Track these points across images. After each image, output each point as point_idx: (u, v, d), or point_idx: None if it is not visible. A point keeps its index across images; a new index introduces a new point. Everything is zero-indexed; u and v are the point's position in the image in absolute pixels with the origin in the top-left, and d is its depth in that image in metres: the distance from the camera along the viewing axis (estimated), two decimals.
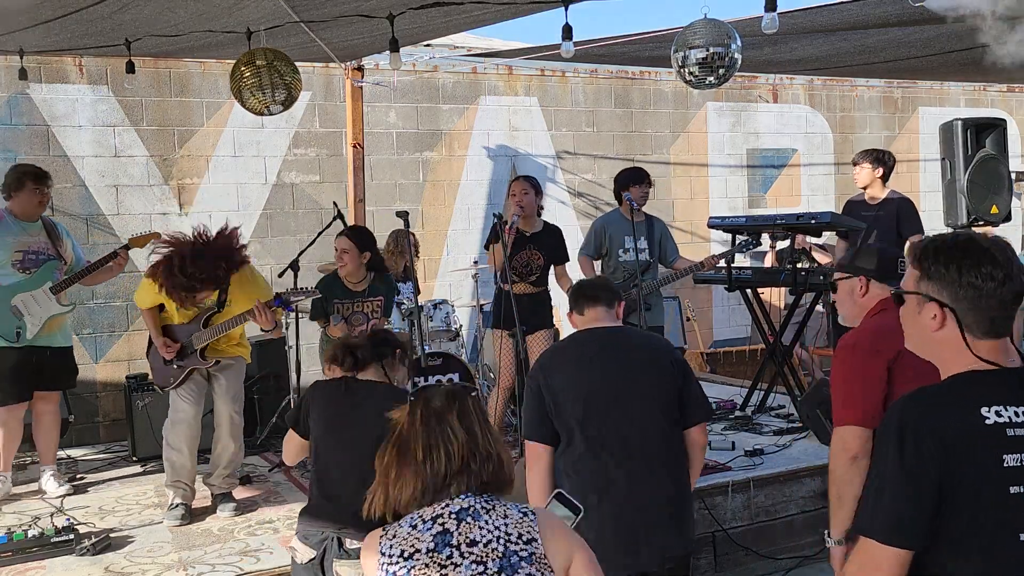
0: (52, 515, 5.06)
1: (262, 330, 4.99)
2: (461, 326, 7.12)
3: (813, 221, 6.35)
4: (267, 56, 5.36)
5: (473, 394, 2.20)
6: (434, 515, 2.06)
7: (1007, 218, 6.99)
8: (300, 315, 6.09)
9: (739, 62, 4.65)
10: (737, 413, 6.73)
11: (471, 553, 2.00)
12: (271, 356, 6.85)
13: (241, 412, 5.14)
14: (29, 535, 4.54)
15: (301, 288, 5.05)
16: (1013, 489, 1.80)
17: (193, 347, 5.04)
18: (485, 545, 2.01)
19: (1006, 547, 1.81)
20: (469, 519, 2.04)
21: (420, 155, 8.24)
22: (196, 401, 5.07)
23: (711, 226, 7.28)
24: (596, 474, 3.22)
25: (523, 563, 2.00)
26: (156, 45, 5.95)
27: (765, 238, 6.65)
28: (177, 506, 5.02)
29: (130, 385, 6.30)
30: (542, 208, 6.08)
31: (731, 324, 9.39)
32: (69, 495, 5.53)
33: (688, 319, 8.78)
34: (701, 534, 4.82)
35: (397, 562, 2.01)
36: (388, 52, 5.28)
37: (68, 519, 4.90)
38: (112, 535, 4.78)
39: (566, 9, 4.63)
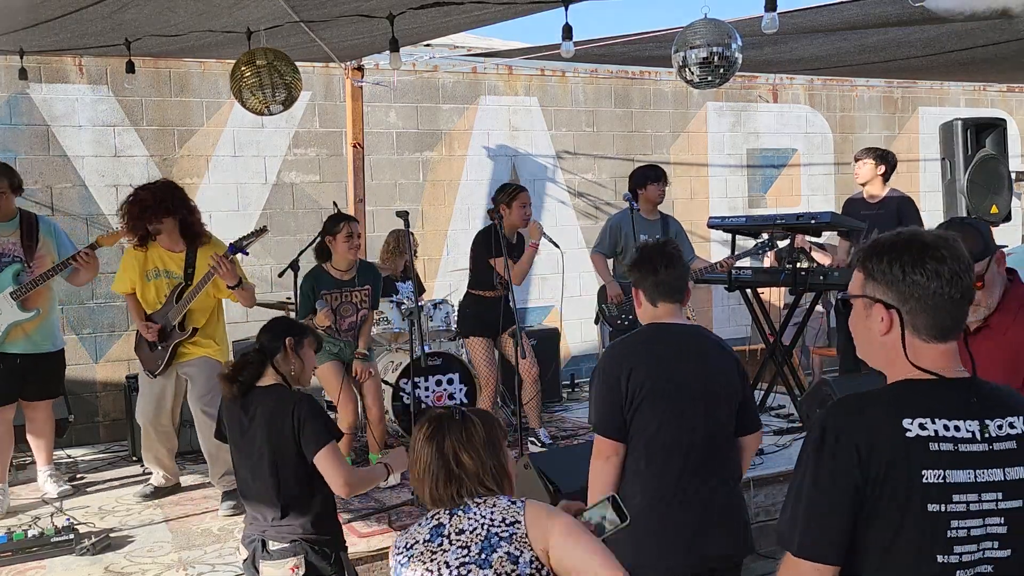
0: (52, 515, 5.06)
1: (228, 287, 5.10)
2: None
3: (813, 221, 6.36)
4: (267, 56, 5.36)
5: (468, 418, 2.31)
6: (433, 512, 2.27)
7: (1007, 218, 7.00)
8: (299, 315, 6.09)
9: (739, 62, 4.65)
10: None
11: (458, 540, 2.18)
12: None
13: (212, 409, 5.11)
14: (29, 535, 4.54)
15: (250, 232, 5.18)
16: (931, 507, 1.69)
17: (171, 323, 5.21)
18: (471, 532, 2.18)
19: (925, 569, 1.70)
20: (460, 512, 2.22)
21: (420, 155, 8.24)
22: (154, 383, 5.30)
23: (711, 226, 7.28)
24: (666, 473, 3.13)
25: (502, 542, 2.15)
26: (156, 45, 5.95)
27: (764, 236, 6.65)
28: (147, 485, 5.50)
29: (130, 385, 6.30)
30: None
31: (731, 324, 9.38)
32: (69, 495, 5.52)
33: (688, 319, 8.77)
34: None
35: (402, 552, 2.24)
36: (388, 52, 5.27)
37: (68, 519, 4.91)
38: (112, 535, 4.79)
39: (566, 9, 4.63)
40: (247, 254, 5.22)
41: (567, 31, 4.63)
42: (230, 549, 4.58)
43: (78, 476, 6.00)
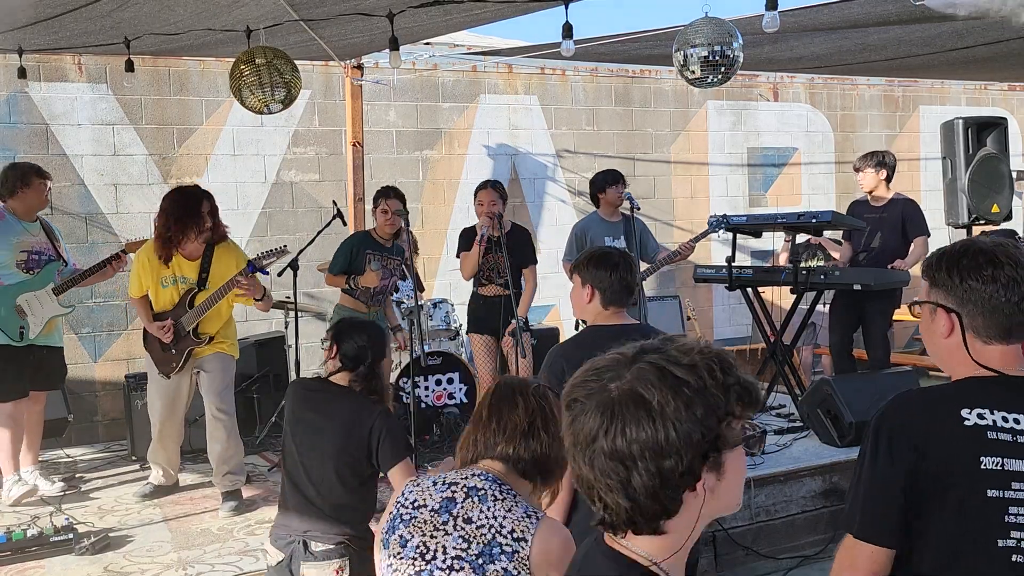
0: (51, 514, 5.05)
1: (255, 300, 5.20)
2: (461, 325, 7.10)
3: (814, 220, 6.34)
4: (267, 54, 5.35)
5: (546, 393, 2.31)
6: (452, 480, 2.16)
7: (1008, 216, 6.99)
8: (300, 314, 6.08)
9: (740, 60, 4.64)
10: None
11: (463, 528, 2.08)
12: (271, 355, 6.84)
13: (227, 406, 5.21)
14: (28, 534, 4.53)
15: (270, 250, 5.19)
16: (991, 492, 1.78)
17: (185, 329, 5.20)
18: (477, 528, 2.07)
19: (983, 552, 1.78)
20: (476, 498, 2.11)
21: (420, 153, 8.23)
22: (168, 382, 5.26)
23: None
24: None
25: (502, 556, 2.04)
26: (155, 43, 5.93)
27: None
28: (147, 484, 5.50)
29: (129, 384, 6.29)
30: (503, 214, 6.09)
31: (732, 323, 9.37)
32: (67, 493, 5.53)
33: (688, 318, 8.77)
34: (701, 533, 4.81)
35: (407, 506, 2.15)
36: (388, 50, 5.27)
37: (67, 518, 4.90)
38: (111, 534, 4.78)
39: (566, 7, 4.62)
40: (266, 273, 5.29)
41: (567, 29, 4.63)
42: (229, 549, 4.57)
43: (77, 475, 5.99)
